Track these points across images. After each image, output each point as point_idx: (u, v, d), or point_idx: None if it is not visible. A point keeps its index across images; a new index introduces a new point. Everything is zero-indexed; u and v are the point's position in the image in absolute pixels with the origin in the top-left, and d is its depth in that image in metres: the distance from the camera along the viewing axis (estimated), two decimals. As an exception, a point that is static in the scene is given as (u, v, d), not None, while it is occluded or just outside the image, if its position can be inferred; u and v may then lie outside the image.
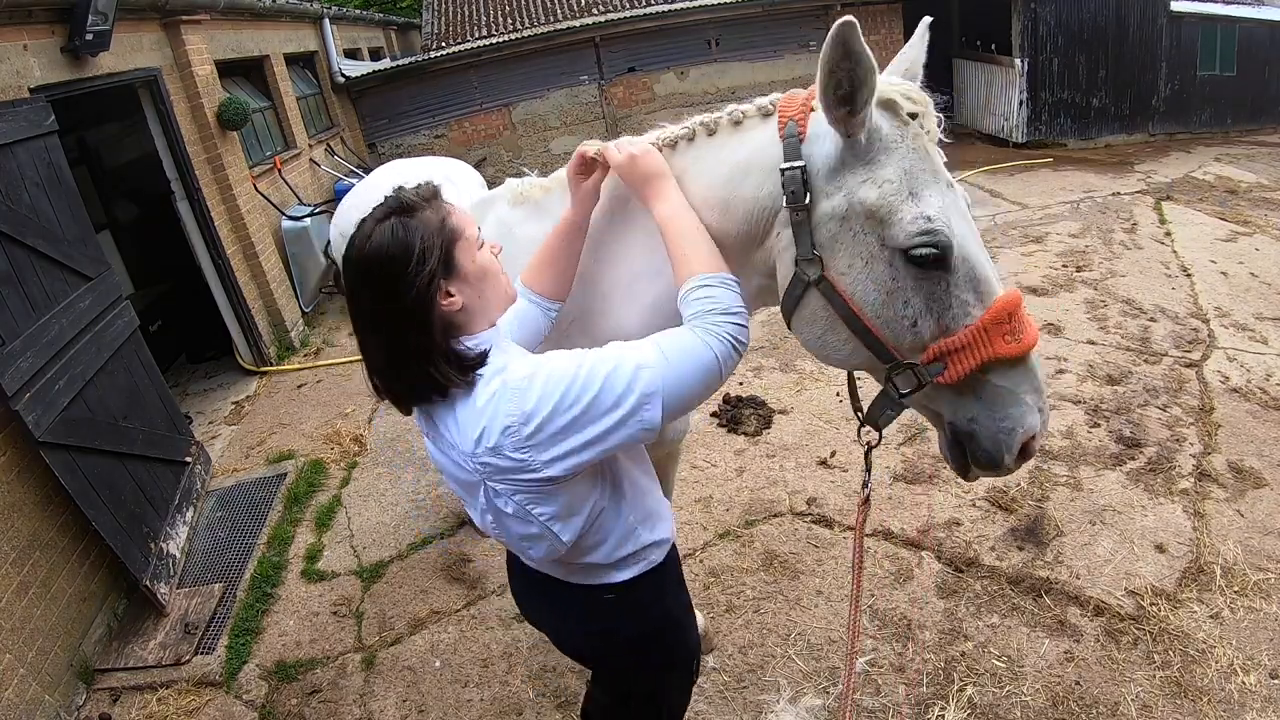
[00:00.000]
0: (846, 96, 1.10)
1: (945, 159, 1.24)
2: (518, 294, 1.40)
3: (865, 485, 1.44)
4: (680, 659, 1.53)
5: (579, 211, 1.42)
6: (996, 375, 1.18)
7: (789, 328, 1.34)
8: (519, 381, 1.11)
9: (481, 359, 1.15)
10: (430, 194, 1.18)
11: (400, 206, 1.15)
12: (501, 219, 1.68)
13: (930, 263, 1.15)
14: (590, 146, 1.40)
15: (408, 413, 1.24)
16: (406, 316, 1.11)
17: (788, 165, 1.21)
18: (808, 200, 1.20)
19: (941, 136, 1.23)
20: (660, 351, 1.13)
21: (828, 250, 1.21)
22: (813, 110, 1.22)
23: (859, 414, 1.37)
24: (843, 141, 1.17)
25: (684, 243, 1.26)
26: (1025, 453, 1.22)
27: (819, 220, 1.21)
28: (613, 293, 1.50)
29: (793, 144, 1.22)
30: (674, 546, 1.48)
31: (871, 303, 1.20)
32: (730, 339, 1.17)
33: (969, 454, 1.26)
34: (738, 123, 1.34)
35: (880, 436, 1.37)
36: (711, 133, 1.37)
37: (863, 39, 1.04)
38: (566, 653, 1.58)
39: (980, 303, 1.17)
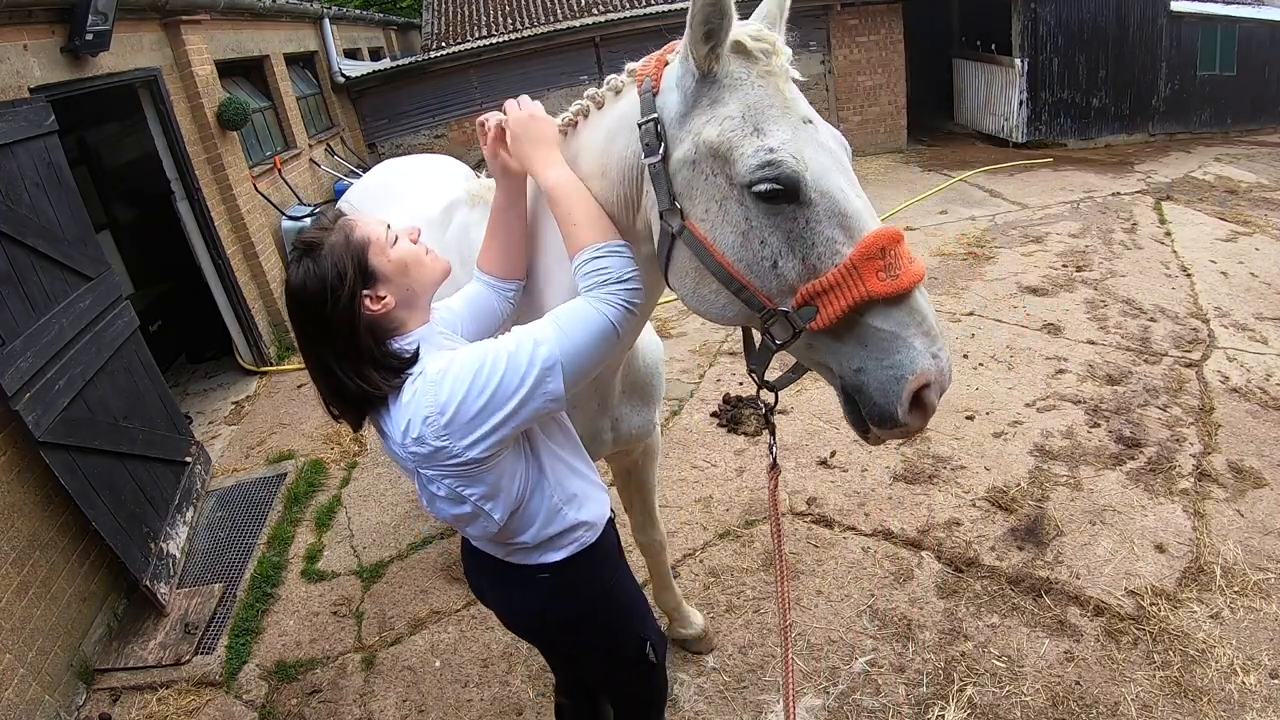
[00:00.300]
0: (711, 32, 1.12)
1: (808, 105, 1.21)
2: (475, 277, 1.48)
3: (771, 450, 1.41)
4: (625, 644, 1.54)
5: (503, 187, 1.44)
6: (877, 318, 1.10)
7: (669, 286, 1.31)
8: (434, 376, 1.20)
9: (413, 359, 1.24)
10: (329, 222, 1.28)
11: (306, 247, 1.24)
12: (462, 221, 1.78)
13: (780, 197, 1.11)
14: (490, 118, 1.44)
15: (358, 428, 1.34)
16: (335, 335, 1.21)
17: (643, 119, 1.22)
18: (662, 151, 1.20)
19: (795, 74, 1.21)
20: (557, 326, 1.21)
21: (686, 198, 1.20)
22: (666, 64, 1.24)
23: (753, 374, 1.30)
24: (693, 86, 1.17)
25: (572, 214, 1.28)
26: (921, 404, 1.11)
27: (674, 169, 1.21)
28: (542, 278, 1.52)
29: (648, 99, 1.23)
30: (611, 528, 1.52)
31: (731, 245, 1.17)
32: (624, 304, 1.23)
33: (863, 409, 1.16)
34: (617, 91, 1.34)
35: (776, 397, 1.34)
36: (599, 105, 1.38)
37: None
38: (514, 631, 1.62)
39: (849, 239, 1.11)
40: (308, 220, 6.10)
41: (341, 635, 3.00)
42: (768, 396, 1.34)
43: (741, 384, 4.36)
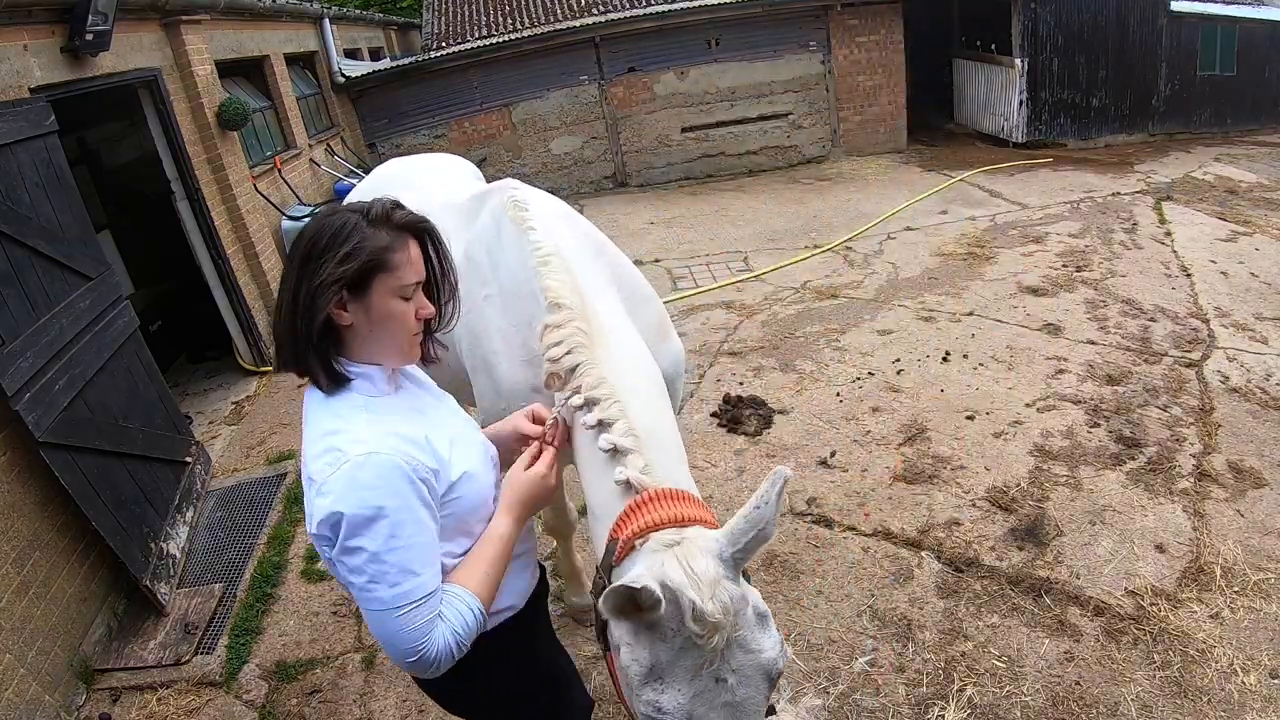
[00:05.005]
0: (622, 612, 1.12)
1: (735, 673, 1.14)
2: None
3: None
4: None
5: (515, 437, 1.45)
6: None
7: None
8: (340, 455, 1.13)
9: (345, 381, 1.21)
10: (404, 222, 1.21)
11: (367, 211, 1.19)
12: (497, 217, 1.80)
13: None
14: (546, 414, 1.43)
15: (278, 369, 1.30)
16: (304, 295, 1.15)
17: (600, 571, 1.27)
18: (600, 617, 1.22)
19: (738, 653, 1.14)
20: (417, 601, 1.15)
21: (612, 648, 1.24)
22: (634, 549, 1.22)
23: None
24: (605, 615, 1.17)
25: (495, 566, 1.28)
26: None
27: (608, 627, 1.23)
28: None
29: (607, 560, 1.26)
30: (523, 619, 1.44)
31: (633, 708, 1.21)
32: (438, 659, 1.17)
33: None
34: (611, 455, 1.33)
35: None
36: (595, 430, 1.36)
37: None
38: (420, 687, 1.50)
39: None
40: (308, 220, 6.09)
41: (341, 635, 3.00)
42: None
43: (741, 384, 4.36)
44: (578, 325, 1.47)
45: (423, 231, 1.25)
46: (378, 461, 1.13)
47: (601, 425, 1.34)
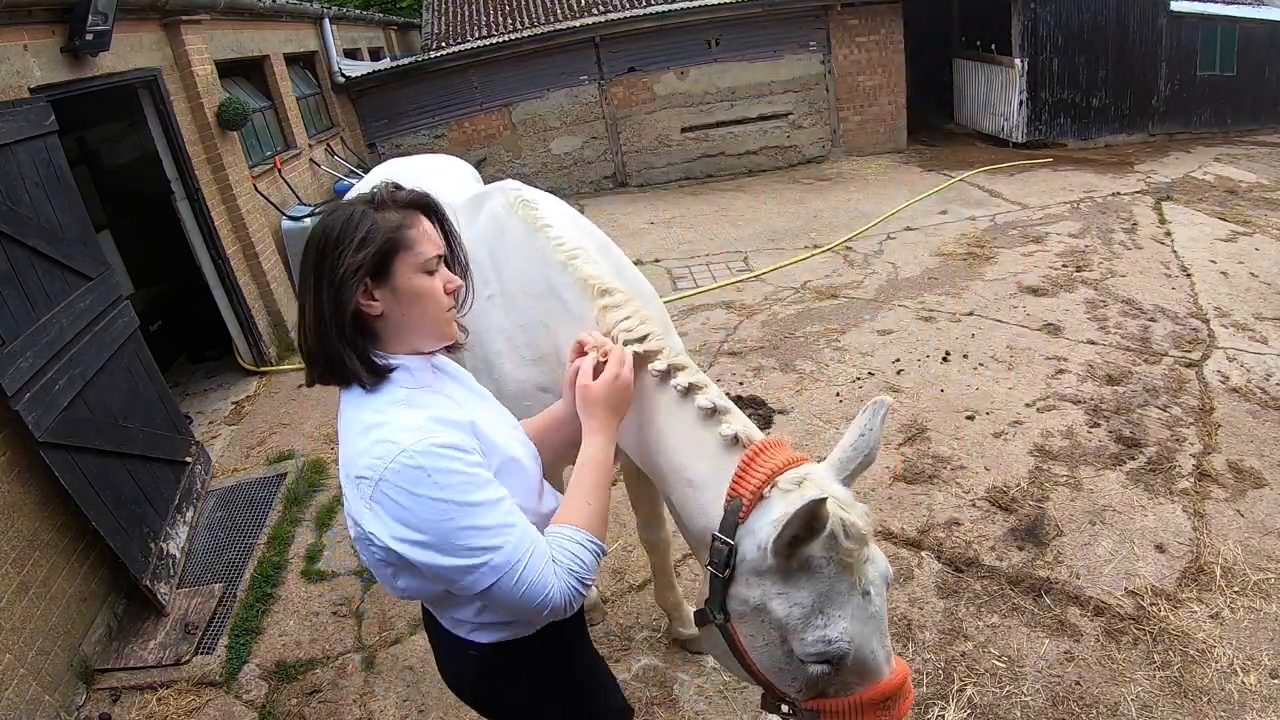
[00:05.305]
0: (792, 546, 1.14)
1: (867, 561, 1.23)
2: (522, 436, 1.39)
3: None
4: None
5: (568, 401, 1.39)
6: None
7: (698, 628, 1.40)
8: (392, 445, 1.07)
9: (387, 371, 1.16)
10: (409, 200, 1.19)
11: (371, 198, 1.17)
12: (495, 214, 1.79)
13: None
14: (586, 359, 1.36)
15: (310, 383, 1.22)
16: (328, 294, 1.12)
17: (719, 536, 1.24)
18: (726, 574, 1.24)
19: (869, 568, 1.22)
20: (528, 555, 1.11)
21: (735, 616, 1.26)
22: (763, 498, 1.23)
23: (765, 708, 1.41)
24: (770, 560, 1.18)
25: (591, 494, 1.24)
26: None
27: (734, 595, 1.25)
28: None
29: (730, 520, 1.24)
30: (558, 626, 1.33)
31: (764, 664, 1.27)
32: (568, 601, 1.15)
33: None
34: (707, 415, 1.34)
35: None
36: (683, 395, 1.36)
37: (832, 515, 1.11)
38: (445, 683, 1.45)
39: (863, 684, 1.23)
40: (308, 220, 6.10)
41: (341, 635, 3.00)
42: None
43: (741, 384, 4.36)
44: (636, 305, 1.49)
45: (428, 207, 1.22)
46: (434, 443, 1.08)
47: (692, 388, 1.35)
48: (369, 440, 1.09)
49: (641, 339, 1.41)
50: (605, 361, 1.33)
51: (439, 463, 1.07)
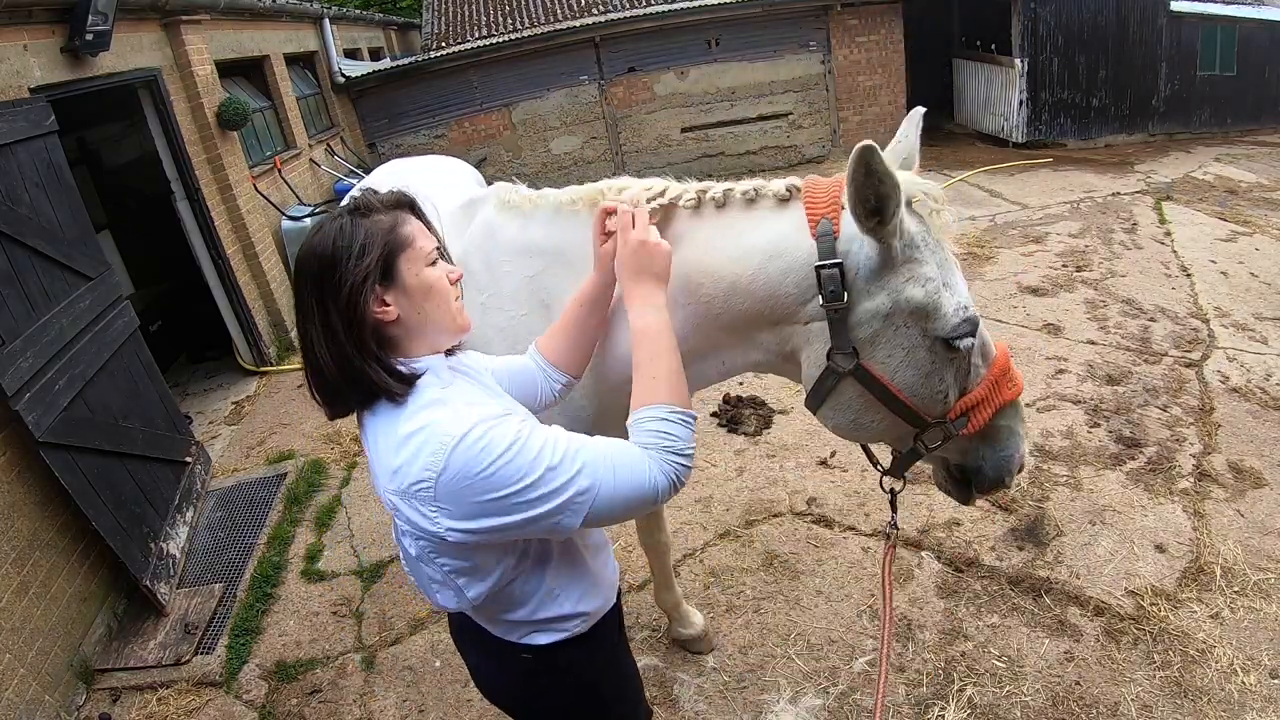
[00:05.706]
0: (875, 209, 1.17)
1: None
2: (529, 354, 1.40)
3: (892, 527, 1.55)
4: None
5: (596, 281, 1.36)
6: (1000, 417, 1.35)
7: (813, 413, 1.42)
8: (446, 437, 1.03)
9: (414, 378, 1.11)
10: (393, 201, 1.17)
11: (356, 207, 1.14)
12: (487, 221, 1.69)
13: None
14: (617, 203, 1.35)
15: (332, 417, 1.18)
16: (338, 313, 1.07)
17: (824, 263, 1.24)
18: (845, 300, 1.24)
19: (951, 221, 1.32)
20: (610, 464, 1.08)
21: (866, 344, 1.28)
22: (843, 208, 1.24)
23: (879, 467, 1.53)
24: (884, 247, 1.22)
25: (656, 365, 1.19)
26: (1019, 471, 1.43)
27: (859, 318, 1.26)
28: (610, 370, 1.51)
29: (827, 243, 1.25)
30: (609, 622, 1.37)
31: (909, 384, 1.29)
32: (676, 477, 1.13)
33: (975, 485, 1.45)
34: (751, 201, 1.35)
35: (905, 481, 1.52)
36: (720, 206, 1.37)
37: (884, 158, 1.13)
38: (485, 695, 1.43)
39: (986, 362, 1.33)
40: (308, 220, 6.10)
41: (341, 635, 3.00)
42: (893, 484, 1.54)
43: (741, 384, 4.36)
44: (635, 181, 1.47)
45: (411, 204, 1.20)
46: (480, 420, 1.05)
47: (727, 192, 1.37)
48: (411, 449, 1.05)
49: (661, 193, 1.40)
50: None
51: (491, 433, 1.04)
